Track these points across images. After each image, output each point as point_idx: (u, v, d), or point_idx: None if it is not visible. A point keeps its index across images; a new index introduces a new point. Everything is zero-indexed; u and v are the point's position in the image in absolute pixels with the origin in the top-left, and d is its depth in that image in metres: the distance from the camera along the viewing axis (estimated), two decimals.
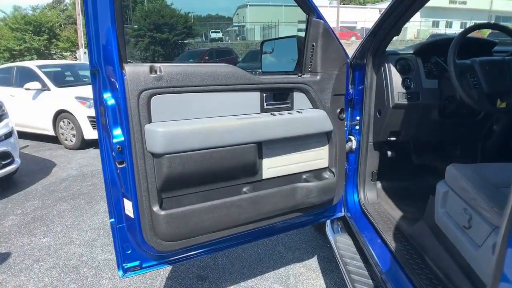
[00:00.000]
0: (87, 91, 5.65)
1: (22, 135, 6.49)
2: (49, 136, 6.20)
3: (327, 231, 2.17)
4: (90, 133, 5.64)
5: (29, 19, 24.00)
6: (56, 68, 6.89)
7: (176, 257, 1.65)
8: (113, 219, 1.54)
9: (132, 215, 1.47)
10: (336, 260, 2.43)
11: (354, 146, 2.06)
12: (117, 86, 1.31)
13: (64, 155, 5.63)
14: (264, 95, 1.62)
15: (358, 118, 2.03)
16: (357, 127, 2.05)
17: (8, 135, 3.99)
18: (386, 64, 1.87)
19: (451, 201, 1.42)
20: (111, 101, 1.35)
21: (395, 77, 1.84)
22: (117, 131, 1.36)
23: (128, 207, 1.48)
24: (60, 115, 5.89)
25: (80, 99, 5.68)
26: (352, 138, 2.06)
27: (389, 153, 2.16)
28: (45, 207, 3.60)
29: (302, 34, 1.79)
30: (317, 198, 1.75)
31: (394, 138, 2.01)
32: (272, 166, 1.69)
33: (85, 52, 17.96)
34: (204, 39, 31.59)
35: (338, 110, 1.82)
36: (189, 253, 1.67)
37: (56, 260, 2.61)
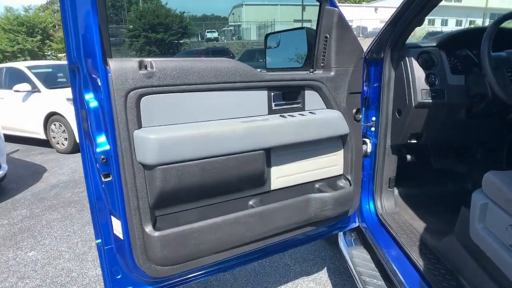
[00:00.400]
0: None
1: (13, 139, 6.27)
2: (40, 139, 5.96)
3: (340, 243, 1.97)
4: None
5: (21, 20, 23.62)
6: (47, 69, 6.64)
7: (173, 281, 1.44)
8: (99, 240, 1.33)
9: (121, 236, 1.26)
10: (348, 273, 2.23)
11: (369, 150, 1.86)
12: (100, 85, 1.10)
13: (56, 159, 5.39)
14: (272, 94, 1.41)
15: (373, 118, 1.83)
16: (372, 129, 1.84)
17: None
18: (407, 58, 1.66)
19: (493, 215, 1.22)
20: (93, 103, 1.14)
21: (418, 73, 1.64)
22: (101, 139, 1.15)
23: (117, 226, 1.27)
24: (51, 117, 5.65)
25: (72, 101, 5.43)
26: (367, 141, 1.86)
27: (408, 157, 1.96)
28: (33, 217, 3.37)
29: None
30: (332, 211, 1.55)
31: (415, 141, 1.81)
32: (282, 175, 1.48)
33: None
34: (200, 39, 31.40)
35: (354, 110, 1.62)
36: (188, 276, 1.46)
37: (43, 277, 2.39)
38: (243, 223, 1.34)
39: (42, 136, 5.86)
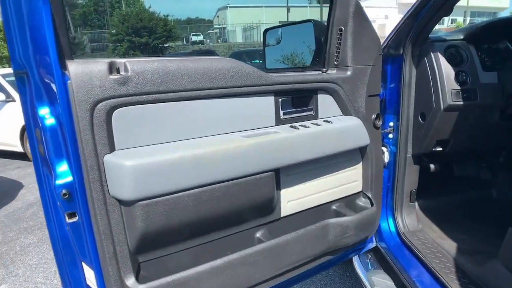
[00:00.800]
0: None
1: None
2: (17, 152, 5.55)
3: (356, 267, 1.72)
4: None
5: None
6: None
7: None
8: None
9: None
10: None
11: (386, 160, 1.62)
12: (58, 95, 0.82)
13: (34, 174, 5.00)
14: (280, 100, 1.15)
15: (391, 124, 1.60)
16: (390, 136, 1.61)
17: None
18: (431, 54, 1.43)
19: None
20: (49, 120, 0.86)
21: (446, 71, 1.41)
22: (62, 167, 0.87)
23: (90, 275, 0.99)
24: None
25: None
26: (384, 149, 1.62)
27: (431, 166, 1.72)
28: (6, 242, 3.01)
29: None
30: (354, 237, 1.30)
31: (441, 149, 1.58)
32: (293, 198, 1.22)
33: None
34: (185, 42, 31.05)
35: (374, 116, 1.38)
36: None
37: None
38: (250, 263, 1.07)
39: (19, 148, 5.47)
